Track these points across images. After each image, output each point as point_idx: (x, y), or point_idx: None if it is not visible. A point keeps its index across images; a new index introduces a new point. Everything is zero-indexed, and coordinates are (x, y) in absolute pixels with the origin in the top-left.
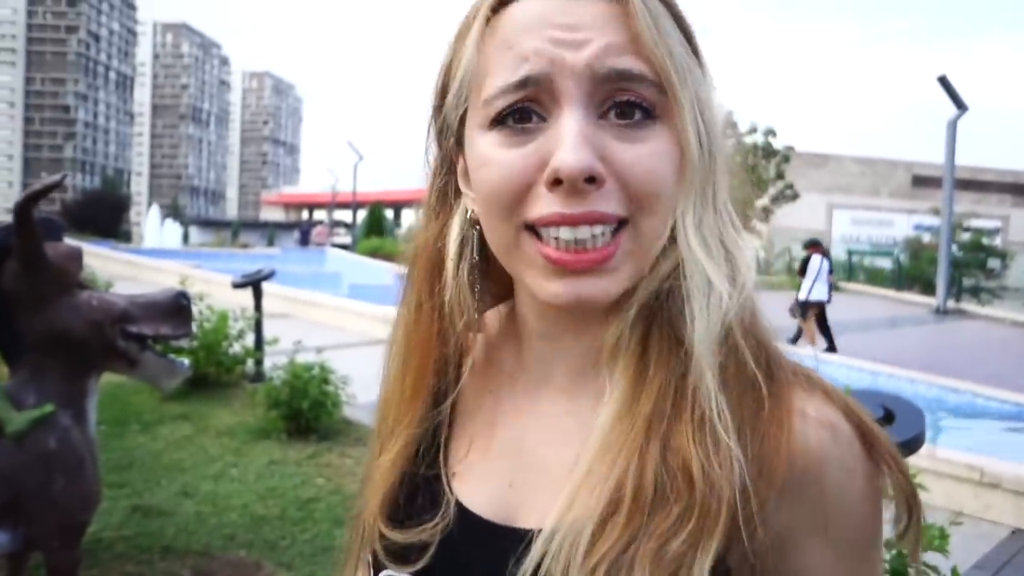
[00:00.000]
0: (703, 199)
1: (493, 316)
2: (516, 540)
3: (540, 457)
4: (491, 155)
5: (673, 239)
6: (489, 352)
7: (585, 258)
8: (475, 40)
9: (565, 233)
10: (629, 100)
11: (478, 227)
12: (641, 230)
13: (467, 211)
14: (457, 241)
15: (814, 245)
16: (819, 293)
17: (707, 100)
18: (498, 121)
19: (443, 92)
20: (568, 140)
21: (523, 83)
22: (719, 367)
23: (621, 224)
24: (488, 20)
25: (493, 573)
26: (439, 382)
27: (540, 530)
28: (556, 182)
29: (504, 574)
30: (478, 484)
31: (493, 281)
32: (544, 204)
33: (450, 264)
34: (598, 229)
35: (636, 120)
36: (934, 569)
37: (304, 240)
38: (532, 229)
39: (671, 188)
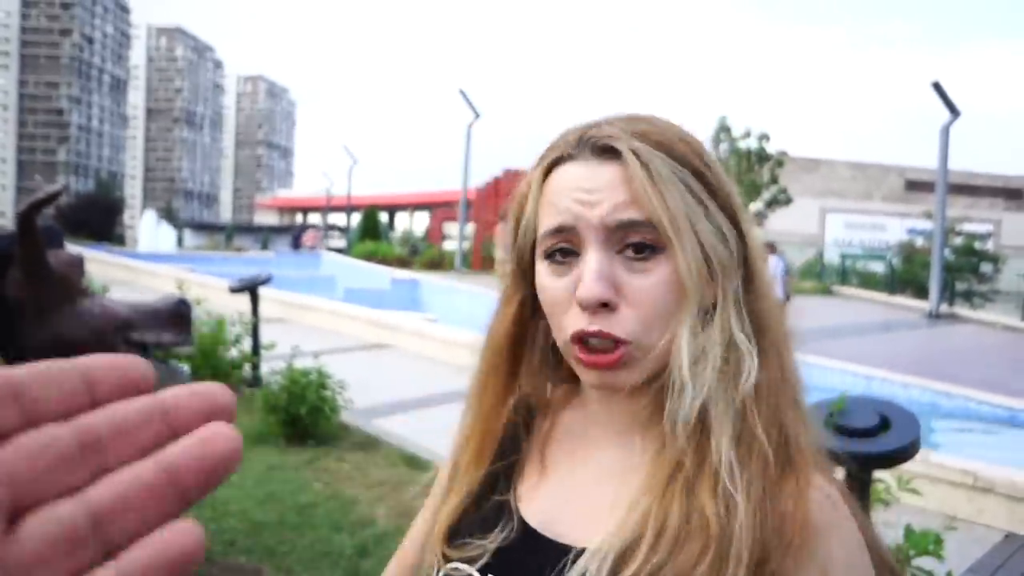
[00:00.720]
0: (702, 314)
1: (564, 389)
2: (560, 552)
3: (589, 490)
4: (545, 282)
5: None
6: (562, 413)
7: (601, 360)
8: (535, 196)
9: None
10: (636, 241)
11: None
12: (643, 344)
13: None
14: (516, 334)
15: (769, 247)
16: (778, 294)
17: (708, 230)
18: (548, 255)
19: (516, 229)
20: (587, 275)
21: (559, 230)
22: (736, 439)
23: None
24: (542, 182)
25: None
26: (510, 436)
27: (577, 548)
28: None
29: None
30: (539, 504)
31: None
32: (575, 320)
33: (528, 352)
34: (608, 342)
35: (643, 255)
36: (929, 574)
37: (296, 244)
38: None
39: (673, 307)
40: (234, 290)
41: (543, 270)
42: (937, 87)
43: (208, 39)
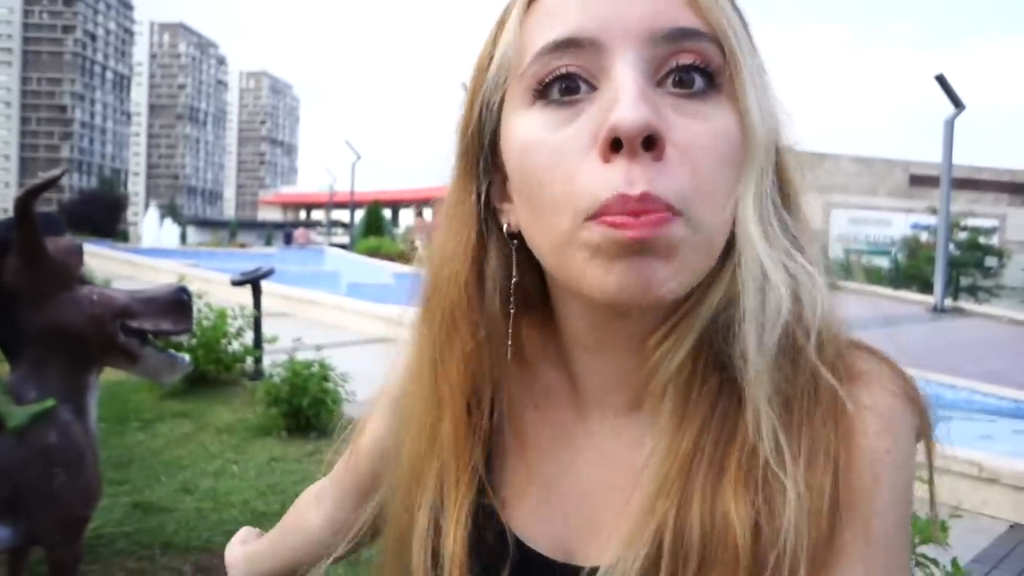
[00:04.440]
0: (766, 186)
1: (530, 342)
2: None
3: (593, 487)
4: (536, 137)
5: (731, 246)
6: (525, 367)
7: (648, 219)
8: (517, 17)
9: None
10: (691, 64)
11: (516, 241)
12: (697, 220)
13: (504, 227)
14: (497, 265)
15: None
16: None
17: (764, 72)
18: (541, 93)
19: (480, 79)
20: (626, 95)
21: (567, 43)
22: (776, 389)
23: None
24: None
25: None
26: (475, 415)
27: (588, 570)
28: (614, 146)
29: None
30: (535, 516)
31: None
32: (601, 186)
33: (490, 288)
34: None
35: (697, 89)
36: (934, 562)
37: (287, 241)
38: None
39: (732, 173)
40: (236, 283)
41: (531, 119)
42: (941, 80)
43: (211, 35)
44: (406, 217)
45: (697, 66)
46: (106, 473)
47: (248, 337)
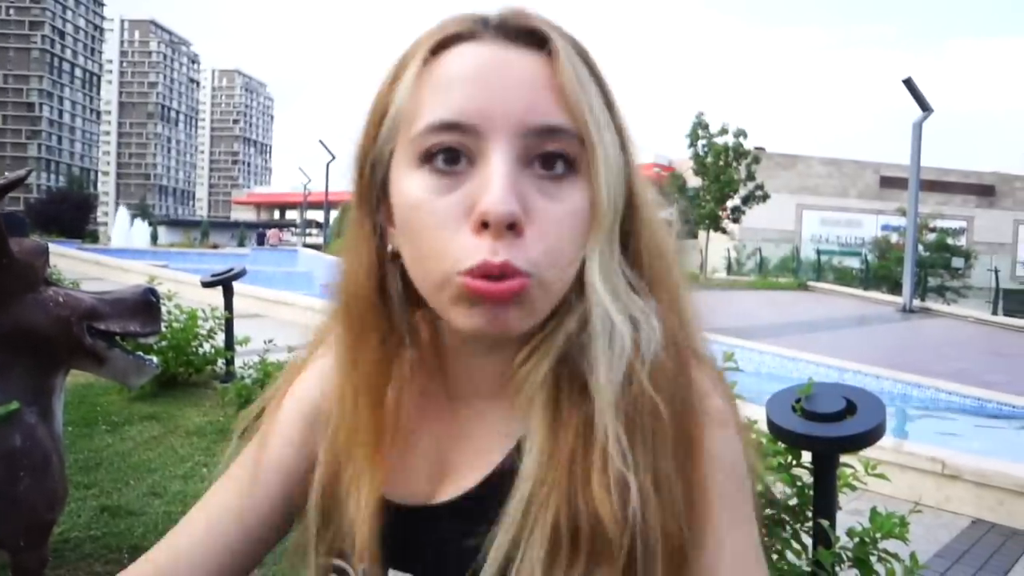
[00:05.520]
0: (611, 247)
1: (421, 327)
2: (434, 514)
3: (455, 457)
4: (420, 199)
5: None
6: (419, 360)
7: (495, 288)
8: (411, 79)
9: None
10: (554, 151)
11: (399, 260)
12: (546, 280)
13: (388, 247)
14: (379, 276)
15: None
16: None
17: (616, 155)
18: (426, 159)
19: (376, 129)
20: (496, 185)
21: (453, 126)
22: (621, 410)
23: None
24: (425, 62)
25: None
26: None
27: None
28: (483, 225)
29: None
30: (402, 481)
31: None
32: (470, 250)
33: (393, 297)
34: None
35: (558, 173)
36: (895, 556)
37: (260, 242)
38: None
39: (580, 241)
40: (206, 284)
41: (417, 181)
42: (908, 83)
43: (183, 33)
44: None
45: (560, 153)
46: (74, 476)
47: (219, 339)
